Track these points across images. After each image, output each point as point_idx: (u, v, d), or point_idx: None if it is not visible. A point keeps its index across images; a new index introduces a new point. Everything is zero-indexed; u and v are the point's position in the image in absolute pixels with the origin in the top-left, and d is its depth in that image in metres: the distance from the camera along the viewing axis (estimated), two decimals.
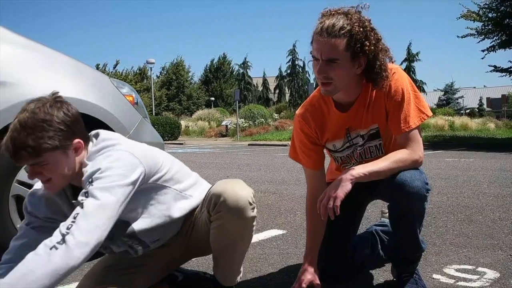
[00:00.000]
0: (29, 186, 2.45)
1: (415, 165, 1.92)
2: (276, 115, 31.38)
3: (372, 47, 1.79)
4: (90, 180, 1.50)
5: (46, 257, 1.34)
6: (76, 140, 1.58)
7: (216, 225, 1.73)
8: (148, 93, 32.45)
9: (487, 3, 15.96)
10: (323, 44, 1.79)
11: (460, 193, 4.94)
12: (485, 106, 49.27)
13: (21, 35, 2.56)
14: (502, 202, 4.36)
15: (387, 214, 2.46)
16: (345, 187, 1.82)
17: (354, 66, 1.83)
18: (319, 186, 2.12)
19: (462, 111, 40.95)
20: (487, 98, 51.24)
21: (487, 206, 4.16)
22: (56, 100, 1.57)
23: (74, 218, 1.41)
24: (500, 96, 49.60)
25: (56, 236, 1.38)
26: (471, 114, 39.06)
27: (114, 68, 35.49)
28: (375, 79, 1.87)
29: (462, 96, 45.16)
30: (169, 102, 44.48)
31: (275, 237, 3.16)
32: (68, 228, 1.38)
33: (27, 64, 2.52)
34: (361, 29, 1.77)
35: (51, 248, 1.35)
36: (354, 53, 1.79)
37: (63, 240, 1.36)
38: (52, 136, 1.50)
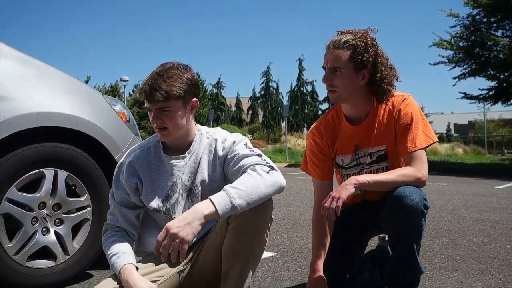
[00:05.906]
0: (19, 204, 2.36)
1: (418, 183, 1.98)
2: (249, 136, 31.42)
3: (370, 59, 2.01)
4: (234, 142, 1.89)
5: (267, 176, 1.70)
6: (194, 99, 1.87)
7: (236, 223, 1.71)
8: None
9: (458, 32, 16.52)
10: (329, 55, 2.06)
11: (440, 217, 5.02)
12: (452, 131, 50.39)
13: (17, 49, 2.51)
14: (483, 226, 4.44)
15: (383, 239, 2.47)
16: (349, 190, 1.91)
17: (358, 78, 2.04)
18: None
19: None
20: (454, 124, 52.42)
21: (468, 230, 4.23)
22: (186, 66, 1.88)
23: (264, 161, 1.77)
24: (466, 123, 50.86)
25: (264, 168, 1.72)
26: (440, 139, 39.84)
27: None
28: (377, 91, 2.06)
29: (431, 122, 46.05)
30: (141, 121, 43.62)
31: (266, 260, 3.13)
32: (269, 166, 1.74)
33: (23, 79, 2.46)
34: (363, 43, 2.02)
35: (267, 172, 1.71)
36: (357, 65, 2.01)
37: (272, 170, 1.73)
38: (180, 86, 1.79)
